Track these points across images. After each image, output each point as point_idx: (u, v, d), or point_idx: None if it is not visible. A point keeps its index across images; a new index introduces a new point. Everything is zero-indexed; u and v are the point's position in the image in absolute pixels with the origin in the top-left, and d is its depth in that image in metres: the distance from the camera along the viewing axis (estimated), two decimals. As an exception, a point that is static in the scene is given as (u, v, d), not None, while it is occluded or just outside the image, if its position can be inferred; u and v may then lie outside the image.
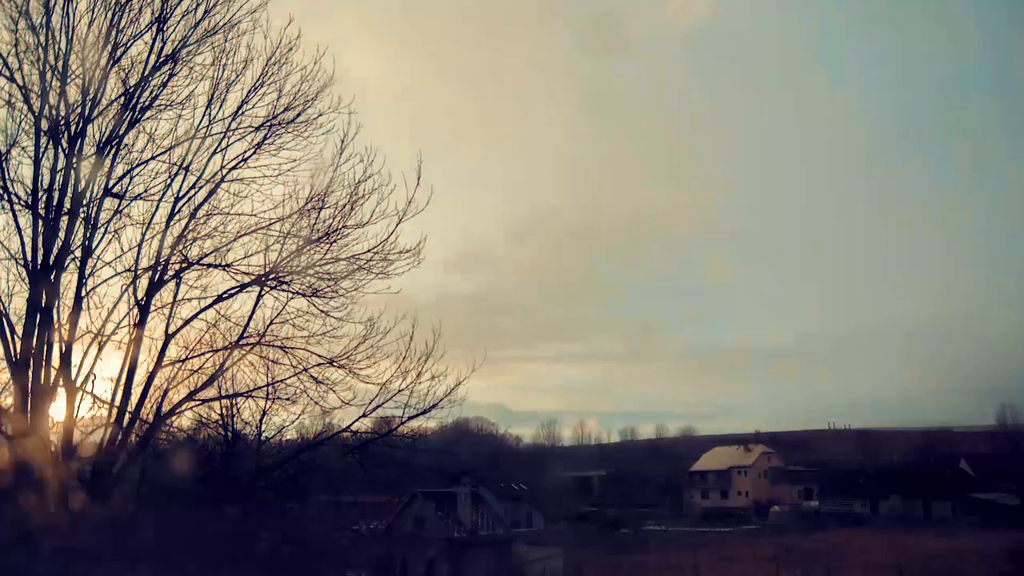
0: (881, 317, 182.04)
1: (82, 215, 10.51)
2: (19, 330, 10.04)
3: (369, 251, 11.47)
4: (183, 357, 11.19)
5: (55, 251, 10.18)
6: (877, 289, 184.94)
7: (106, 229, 10.75)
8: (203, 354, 11.29)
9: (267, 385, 11.82)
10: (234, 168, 11.23)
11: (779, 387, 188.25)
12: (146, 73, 10.63)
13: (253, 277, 11.35)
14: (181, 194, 11.05)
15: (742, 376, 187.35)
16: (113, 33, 10.44)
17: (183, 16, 10.71)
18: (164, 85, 10.84)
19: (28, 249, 10.14)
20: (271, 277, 11.36)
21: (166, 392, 11.08)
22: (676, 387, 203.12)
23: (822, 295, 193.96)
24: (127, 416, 10.65)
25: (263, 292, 11.48)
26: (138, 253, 10.83)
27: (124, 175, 10.82)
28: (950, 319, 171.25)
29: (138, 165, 10.86)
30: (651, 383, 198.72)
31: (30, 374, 9.94)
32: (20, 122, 10.27)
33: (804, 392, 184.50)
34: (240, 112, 11.11)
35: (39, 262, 10.11)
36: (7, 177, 10.13)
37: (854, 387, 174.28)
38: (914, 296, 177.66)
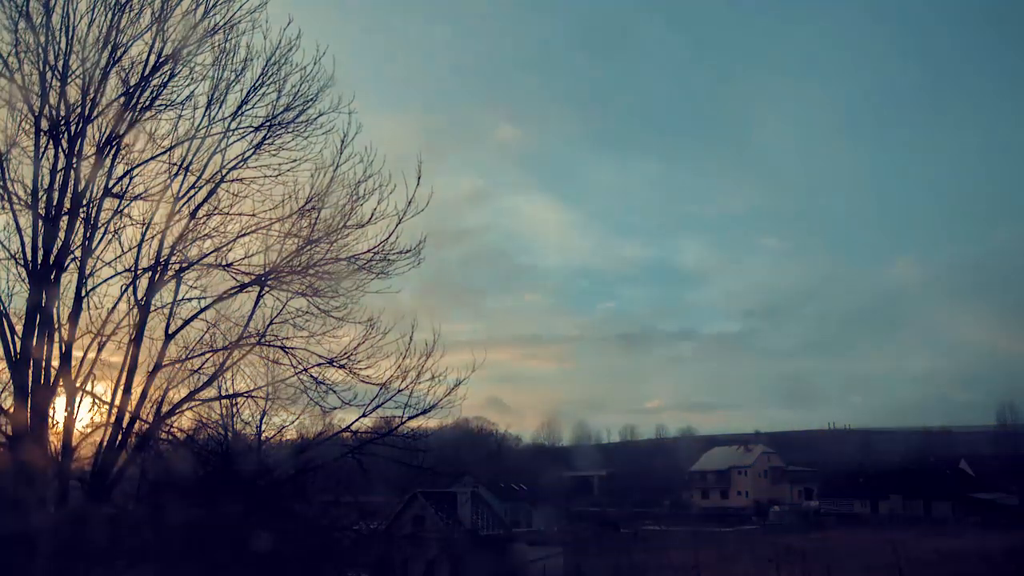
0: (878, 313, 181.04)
1: (82, 215, 10.51)
2: (19, 330, 10.04)
3: (369, 251, 11.50)
4: (183, 357, 11.19)
5: (55, 251, 10.19)
6: (874, 286, 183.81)
7: (106, 229, 10.76)
8: (203, 354, 11.29)
9: (267, 385, 11.82)
10: (234, 168, 11.24)
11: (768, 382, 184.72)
12: (146, 73, 10.64)
13: (253, 277, 11.36)
14: (181, 194, 11.07)
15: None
16: (113, 33, 10.44)
17: (183, 16, 10.72)
18: (164, 85, 10.85)
19: (28, 249, 10.15)
20: (271, 277, 11.37)
21: (166, 392, 11.10)
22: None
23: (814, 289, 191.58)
24: (127, 416, 10.65)
25: (263, 292, 11.50)
26: (138, 253, 10.85)
27: (124, 175, 10.83)
28: (951, 316, 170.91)
29: (138, 165, 10.88)
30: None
31: (30, 374, 9.95)
32: (20, 122, 10.28)
33: (803, 387, 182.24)
34: (240, 112, 11.12)
35: (39, 262, 10.11)
36: (7, 177, 10.14)
37: (854, 387, 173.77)
38: (914, 291, 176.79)
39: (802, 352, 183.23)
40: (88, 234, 10.58)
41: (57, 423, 10.23)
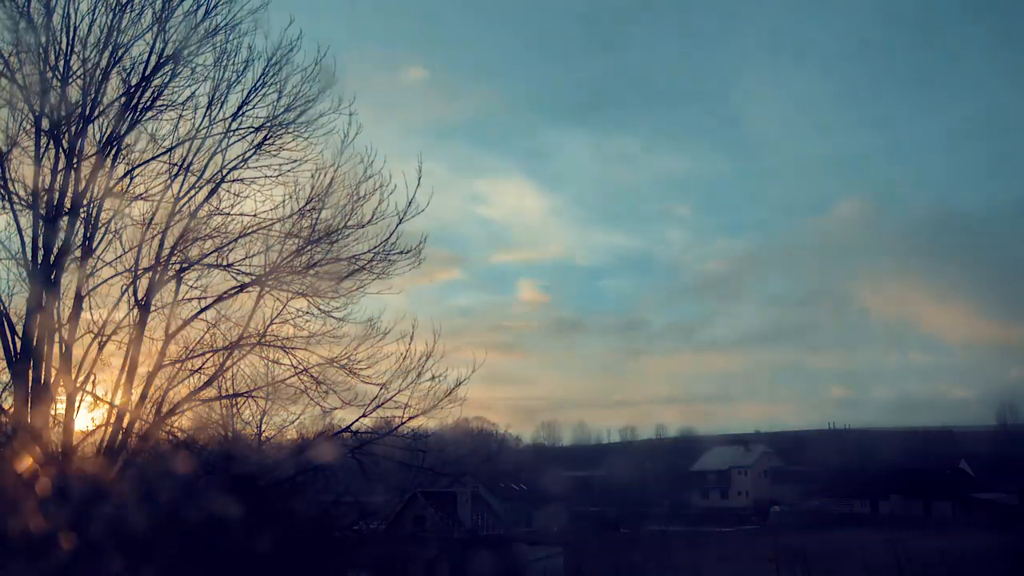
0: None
1: (82, 215, 10.52)
2: (19, 330, 10.05)
3: (369, 251, 11.54)
4: (183, 357, 11.20)
5: (55, 251, 10.20)
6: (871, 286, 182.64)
7: (106, 229, 10.77)
8: (203, 354, 11.30)
9: (267, 385, 11.84)
10: (235, 168, 11.26)
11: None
12: (147, 73, 10.65)
13: (253, 277, 11.38)
14: (181, 194, 11.08)
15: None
16: (114, 34, 10.45)
17: (184, 17, 10.74)
18: (165, 86, 10.87)
19: (28, 249, 10.17)
20: (271, 277, 11.38)
21: (166, 392, 11.10)
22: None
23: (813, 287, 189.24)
24: (127, 416, 10.66)
25: (263, 292, 11.51)
26: (138, 253, 10.85)
27: (125, 175, 10.85)
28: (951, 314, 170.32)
29: (139, 165, 10.90)
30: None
31: (30, 374, 9.95)
32: (20, 122, 10.29)
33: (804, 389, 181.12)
34: (241, 113, 11.14)
35: (39, 262, 10.12)
36: (8, 177, 10.15)
37: (854, 386, 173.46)
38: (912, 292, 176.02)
39: (797, 343, 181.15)
40: (88, 234, 10.59)
41: (57, 423, 10.24)
